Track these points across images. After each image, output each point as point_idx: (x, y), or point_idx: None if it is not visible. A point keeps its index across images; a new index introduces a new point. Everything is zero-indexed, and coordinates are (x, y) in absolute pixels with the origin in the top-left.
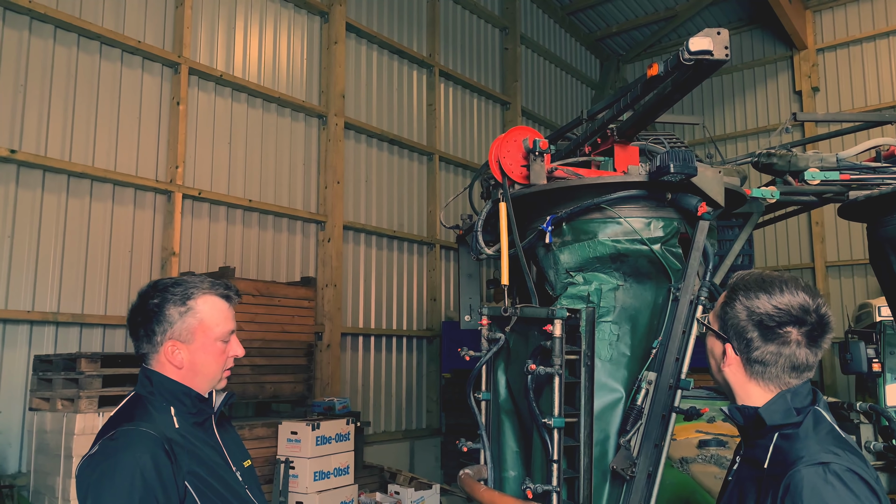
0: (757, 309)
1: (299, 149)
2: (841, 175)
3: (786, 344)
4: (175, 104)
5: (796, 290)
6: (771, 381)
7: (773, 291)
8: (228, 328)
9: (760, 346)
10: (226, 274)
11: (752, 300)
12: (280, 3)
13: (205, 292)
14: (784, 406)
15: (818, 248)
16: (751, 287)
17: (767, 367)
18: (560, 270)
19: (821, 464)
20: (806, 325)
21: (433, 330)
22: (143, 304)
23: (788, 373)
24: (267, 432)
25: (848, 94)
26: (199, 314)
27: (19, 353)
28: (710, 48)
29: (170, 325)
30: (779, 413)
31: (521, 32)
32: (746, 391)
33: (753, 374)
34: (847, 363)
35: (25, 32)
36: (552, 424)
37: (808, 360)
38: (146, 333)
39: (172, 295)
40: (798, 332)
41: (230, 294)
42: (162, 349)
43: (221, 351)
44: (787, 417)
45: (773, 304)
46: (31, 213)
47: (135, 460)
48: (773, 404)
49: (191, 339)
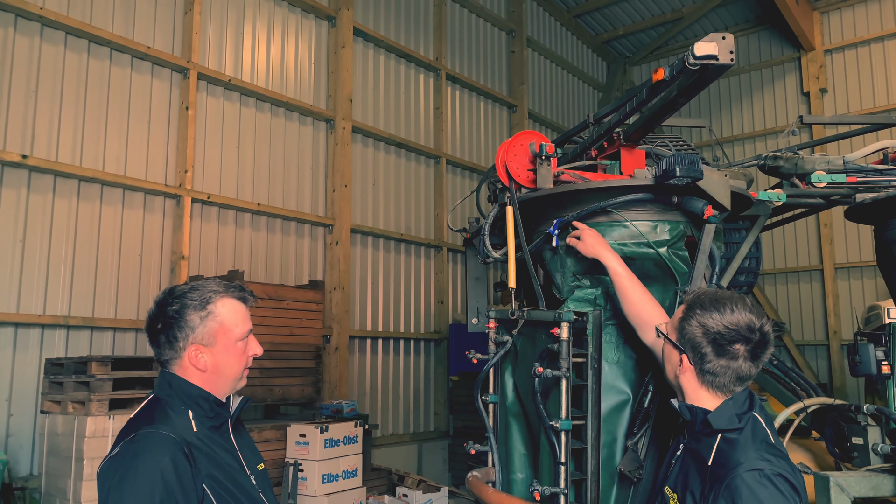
0: (711, 327)
1: (307, 153)
2: (847, 178)
3: (734, 359)
4: (184, 109)
5: (744, 310)
6: (719, 389)
7: (724, 311)
8: (247, 328)
9: (713, 359)
10: (235, 277)
11: (707, 318)
12: (288, 8)
13: (222, 295)
14: (728, 413)
15: (827, 250)
16: (706, 306)
17: (717, 377)
18: (567, 274)
19: (756, 469)
20: (751, 343)
21: (441, 332)
22: (162, 311)
23: (734, 382)
24: (276, 435)
25: (856, 96)
26: (220, 317)
27: (31, 357)
28: (715, 53)
29: (191, 329)
30: (724, 419)
31: (528, 35)
32: (697, 395)
33: (704, 383)
34: (856, 365)
35: (37, 39)
36: (559, 427)
37: (750, 371)
38: (168, 340)
39: (191, 300)
40: (744, 349)
41: (246, 296)
42: (185, 354)
43: (242, 351)
44: (731, 423)
45: (724, 322)
46: (42, 218)
47: (155, 462)
48: (719, 411)
49: (213, 342)
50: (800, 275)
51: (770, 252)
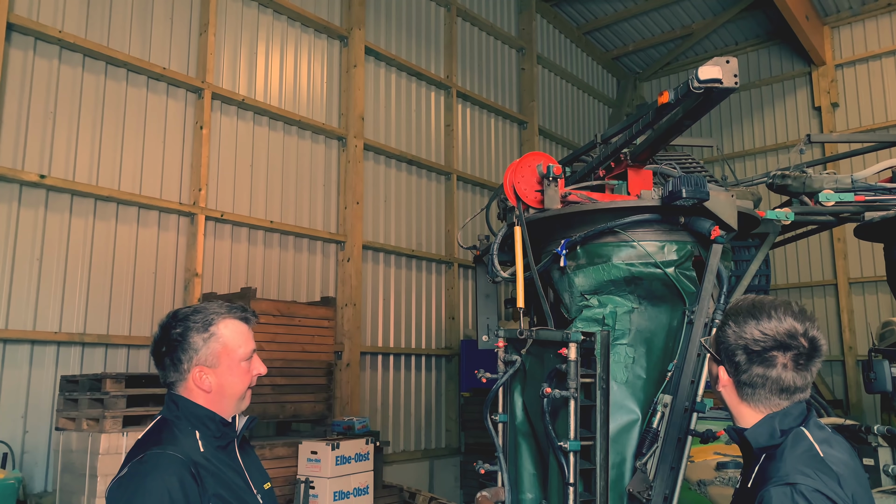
0: (744, 334)
1: (319, 170)
2: (856, 196)
3: (772, 367)
4: (198, 128)
5: (784, 316)
6: (760, 403)
7: (761, 317)
8: (250, 348)
9: (748, 369)
10: (247, 294)
11: (741, 325)
12: (300, 29)
13: (224, 317)
14: (769, 429)
15: (840, 265)
16: (741, 312)
17: (756, 389)
18: (575, 293)
19: (788, 484)
20: (792, 350)
21: (452, 348)
22: (166, 334)
23: (777, 395)
24: (287, 452)
25: (868, 110)
26: (223, 338)
27: (46, 374)
28: (719, 76)
29: (195, 351)
30: (763, 436)
31: (538, 52)
32: (739, 412)
33: (744, 397)
34: (871, 382)
35: (55, 61)
36: (568, 447)
37: (795, 382)
38: (172, 362)
39: (194, 323)
40: (784, 357)
41: (248, 316)
42: (190, 376)
43: (246, 370)
44: (772, 440)
45: (759, 329)
46: (59, 236)
47: (163, 482)
48: (758, 427)
49: (216, 363)
50: (813, 289)
51: (783, 267)
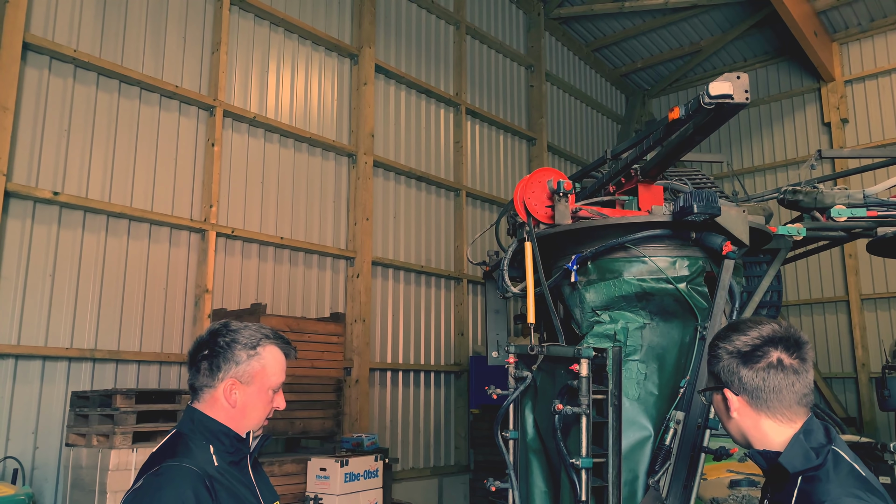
0: (737, 346)
1: (329, 187)
2: (868, 211)
3: (769, 358)
4: (210, 145)
5: (761, 325)
6: (777, 408)
7: (742, 329)
8: (281, 380)
9: (749, 369)
10: (257, 310)
11: (729, 341)
12: (311, 47)
13: (271, 342)
14: (802, 450)
15: (852, 281)
16: (724, 333)
17: (766, 391)
18: (586, 309)
19: None
20: (780, 343)
21: (461, 365)
22: (213, 340)
23: (788, 389)
24: (296, 468)
25: (878, 126)
26: (263, 360)
27: (57, 389)
28: (730, 92)
29: (235, 364)
30: (798, 458)
31: (547, 70)
32: (760, 429)
33: (759, 408)
34: (885, 400)
35: (70, 80)
36: (580, 465)
37: (795, 368)
38: (210, 368)
39: (243, 337)
40: (776, 349)
41: (290, 350)
42: (221, 385)
43: (269, 400)
44: (808, 461)
45: (745, 336)
46: (71, 253)
47: (178, 494)
48: (791, 450)
49: (250, 382)
50: (825, 306)
51: (794, 283)
